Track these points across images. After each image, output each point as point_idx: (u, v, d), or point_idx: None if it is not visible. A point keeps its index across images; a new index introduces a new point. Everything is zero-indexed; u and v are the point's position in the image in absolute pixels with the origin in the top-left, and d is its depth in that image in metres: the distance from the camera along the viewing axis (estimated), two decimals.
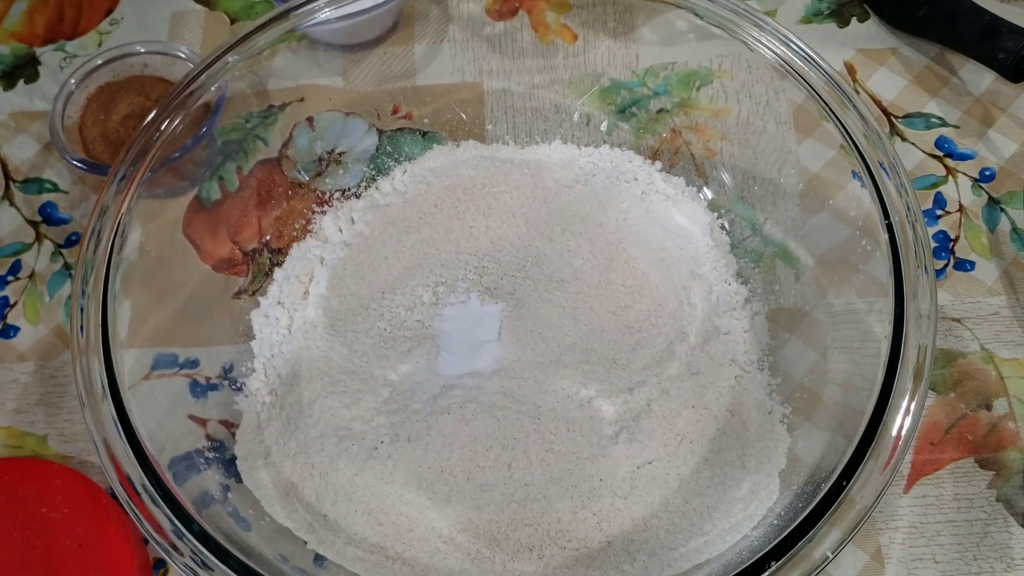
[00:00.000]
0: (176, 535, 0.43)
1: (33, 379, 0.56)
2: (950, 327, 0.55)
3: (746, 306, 0.54)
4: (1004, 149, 0.60)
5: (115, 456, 0.45)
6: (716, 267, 0.55)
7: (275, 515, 0.49)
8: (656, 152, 0.59)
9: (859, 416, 0.44)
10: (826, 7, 0.66)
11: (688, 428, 0.50)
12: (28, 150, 0.63)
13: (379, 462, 0.49)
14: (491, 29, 0.62)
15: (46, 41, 0.67)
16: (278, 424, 0.51)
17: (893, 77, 0.63)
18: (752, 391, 0.52)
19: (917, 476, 0.51)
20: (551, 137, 0.60)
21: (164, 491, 0.44)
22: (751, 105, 0.58)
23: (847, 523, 0.42)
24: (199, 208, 0.56)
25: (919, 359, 0.45)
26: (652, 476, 0.49)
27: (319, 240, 0.58)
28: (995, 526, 0.50)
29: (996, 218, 0.58)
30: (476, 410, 0.50)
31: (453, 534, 0.48)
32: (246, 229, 0.57)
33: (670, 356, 0.52)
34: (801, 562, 0.42)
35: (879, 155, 0.50)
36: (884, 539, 0.50)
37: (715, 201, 0.58)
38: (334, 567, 0.48)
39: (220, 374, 0.53)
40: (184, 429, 0.50)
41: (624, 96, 0.60)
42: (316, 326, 0.54)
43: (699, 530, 0.48)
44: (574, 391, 0.51)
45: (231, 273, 0.56)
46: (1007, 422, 0.52)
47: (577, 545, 0.48)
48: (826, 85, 0.52)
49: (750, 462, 0.49)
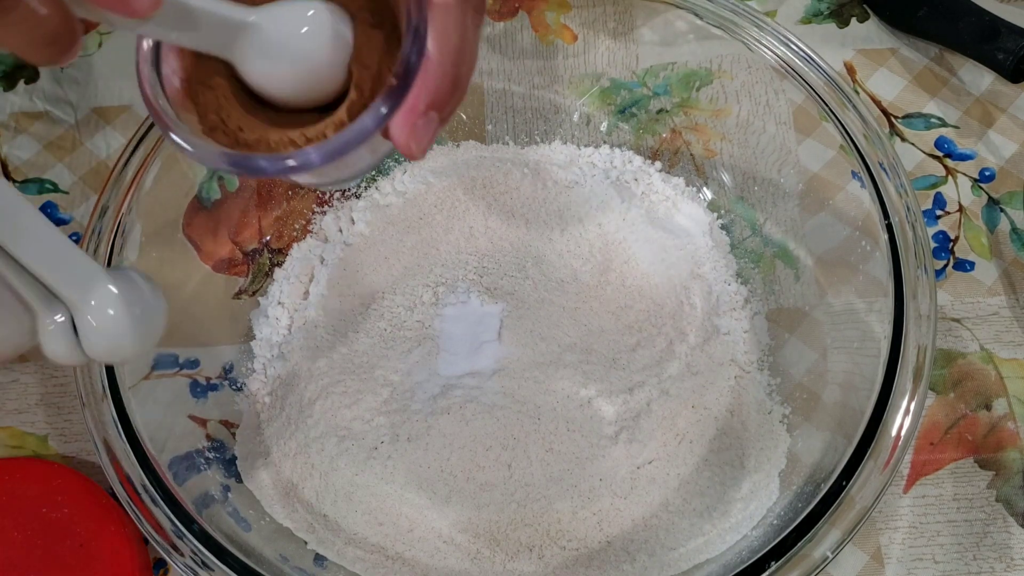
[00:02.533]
0: (176, 535, 0.43)
1: (33, 379, 0.56)
2: (950, 327, 0.55)
3: (746, 306, 0.54)
4: (1004, 149, 0.60)
5: (115, 456, 0.45)
6: (716, 267, 0.55)
7: (275, 515, 0.49)
8: (656, 152, 0.59)
9: (859, 416, 0.44)
10: (826, 7, 0.66)
11: (688, 428, 0.50)
12: (28, 150, 0.63)
13: (379, 462, 0.49)
14: (491, 29, 0.62)
15: None
16: (278, 424, 0.51)
17: (893, 77, 0.63)
18: (752, 391, 0.52)
19: (917, 476, 0.51)
20: (551, 137, 0.60)
21: (164, 491, 0.44)
22: (751, 105, 0.58)
23: (847, 523, 0.42)
24: (199, 208, 0.56)
25: (919, 359, 0.45)
26: (652, 476, 0.49)
27: (319, 240, 0.58)
28: (995, 526, 0.50)
29: (996, 218, 0.58)
30: (476, 410, 0.50)
31: (453, 534, 0.48)
32: (246, 229, 0.57)
33: (670, 356, 0.52)
34: (801, 562, 0.42)
35: (879, 155, 0.50)
36: (884, 539, 0.50)
37: (715, 201, 0.58)
38: (334, 567, 0.48)
39: (220, 374, 0.53)
40: (184, 429, 0.50)
41: (624, 96, 0.60)
42: (316, 326, 0.54)
43: (699, 530, 0.48)
44: (574, 391, 0.51)
45: (231, 273, 0.56)
46: (1007, 422, 0.52)
47: (577, 545, 0.48)
48: (826, 85, 0.52)
49: (750, 462, 0.49)
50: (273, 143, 0.35)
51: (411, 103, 0.34)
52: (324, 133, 0.34)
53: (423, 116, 0.34)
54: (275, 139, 0.35)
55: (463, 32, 0.35)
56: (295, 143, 0.34)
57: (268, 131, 0.35)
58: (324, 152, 0.33)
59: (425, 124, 0.34)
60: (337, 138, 0.33)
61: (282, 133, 0.35)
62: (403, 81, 0.33)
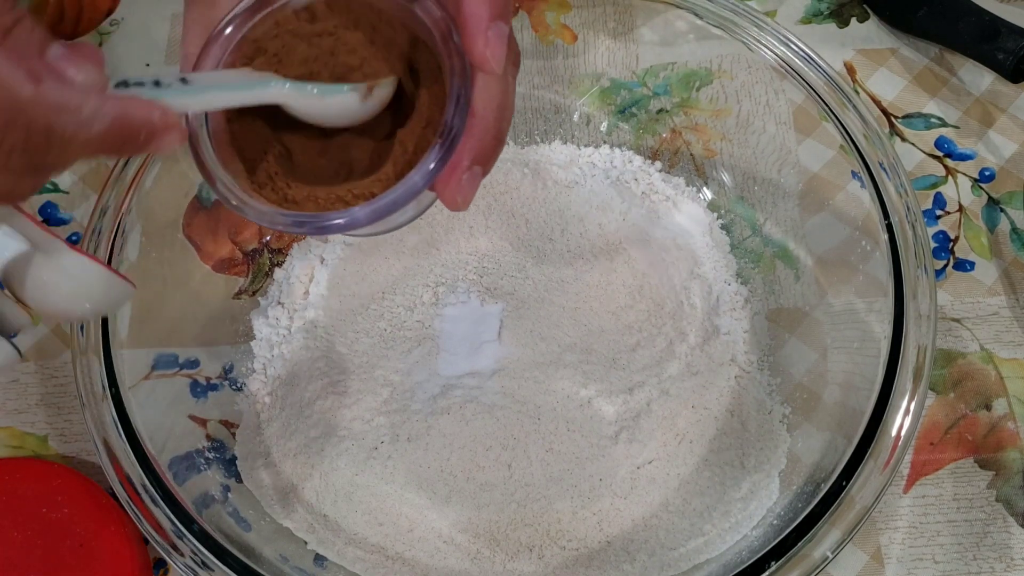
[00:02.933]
0: (176, 535, 0.43)
1: (33, 379, 0.56)
2: (950, 327, 0.55)
3: (746, 306, 0.54)
4: (1004, 149, 0.60)
5: (115, 456, 0.45)
6: (716, 267, 0.55)
7: (275, 515, 0.49)
8: (656, 152, 0.59)
9: (859, 416, 0.44)
10: (826, 7, 0.66)
11: (688, 428, 0.50)
12: None
13: (379, 462, 0.49)
14: None
15: None
16: (278, 424, 0.51)
17: (893, 77, 0.63)
18: (752, 391, 0.52)
19: (917, 476, 0.51)
20: (551, 137, 0.60)
21: (164, 491, 0.44)
22: (751, 105, 0.58)
23: (847, 523, 0.42)
24: (199, 208, 0.56)
25: (919, 359, 0.45)
26: (652, 476, 0.49)
27: (319, 240, 0.58)
28: (995, 526, 0.50)
29: (996, 218, 0.58)
30: (476, 410, 0.50)
31: (453, 534, 0.48)
32: (246, 229, 0.57)
33: (670, 356, 0.52)
34: (801, 562, 0.42)
35: (879, 155, 0.50)
36: (884, 539, 0.50)
37: (715, 201, 0.58)
38: (334, 567, 0.48)
39: (220, 374, 0.53)
40: (184, 429, 0.50)
41: (624, 96, 0.60)
42: (316, 326, 0.54)
43: (699, 530, 0.48)
44: (574, 391, 0.51)
45: (231, 273, 0.56)
46: (1007, 422, 0.52)
47: (577, 545, 0.48)
48: (826, 85, 0.52)
49: (750, 462, 0.49)
50: (321, 201, 0.35)
51: (456, 159, 0.34)
52: (371, 191, 0.35)
53: (468, 171, 0.35)
54: (323, 197, 0.35)
55: (506, 88, 0.36)
56: (343, 200, 0.35)
57: (316, 188, 0.36)
58: (372, 211, 0.34)
59: (470, 178, 0.35)
60: (385, 196, 0.34)
61: (329, 190, 0.35)
62: (449, 139, 0.34)
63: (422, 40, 0.36)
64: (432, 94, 0.36)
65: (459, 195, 0.35)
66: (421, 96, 0.36)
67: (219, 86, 0.34)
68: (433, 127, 0.35)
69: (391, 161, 0.36)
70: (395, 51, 0.36)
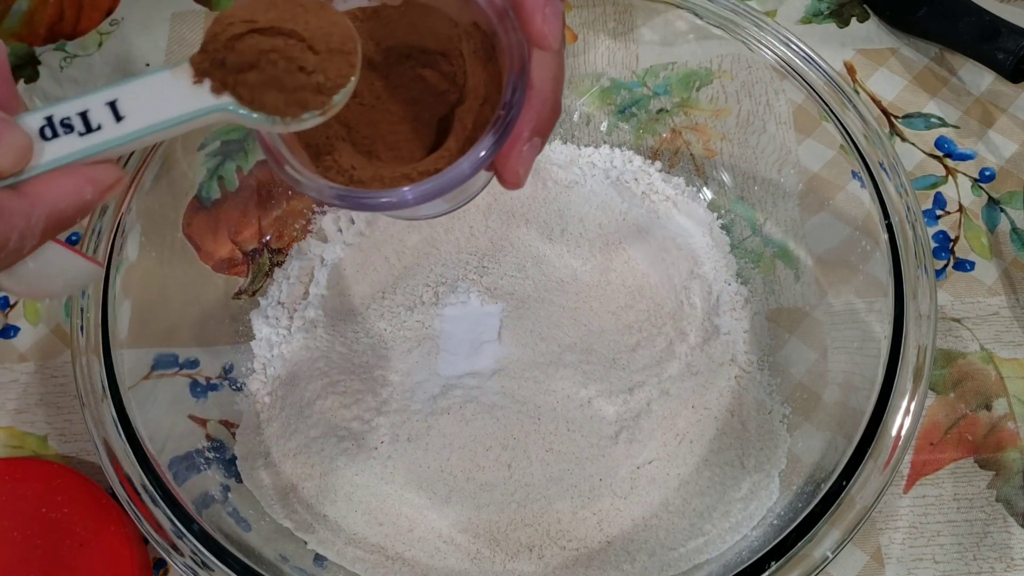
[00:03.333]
0: (176, 535, 0.43)
1: (33, 379, 0.56)
2: (950, 327, 0.55)
3: (746, 306, 0.54)
4: (1004, 149, 0.60)
5: (115, 456, 0.45)
6: (716, 267, 0.55)
7: (275, 515, 0.49)
8: (656, 152, 0.59)
9: (859, 416, 0.44)
10: (826, 7, 0.66)
11: (688, 428, 0.50)
12: None
13: (379, 462, 0.49)
14: None
15: (46, 41, 0.66)
16: (278, 424, 0.51)
17: (893, 77, 0.63)
18: (752, 391, 0.52)
19: (917, 476, 0.51)
20: (551, 137, 0.60)
21: (164, 491, 0.44)
22: (751, 105, 0.58)
23: (847, 523, 0.42)
24: (199, 208, 0.56)
25: (919, 359, 0.45)
26: (652, 476, 0.49)
27: (319, 240, 0.58)
28: (995, 526, 0.50)
29: (996, 218, 0.58)
30: (476, 410, 0.50)
31: (453, 534, 0.48)
32: (246, 229, 0.57)
33: (670, 356, 0.52)
34: (801, 562, 0.42)
35: (879, 155, 0.50)
36: (884, 539, 0.50)
37: (715, 201, 0.58)
38: (334, 567, 0.48)
39: (220, 374, 0.53)
40: (184, 429, 0.50)
41: (624, 96, 0.60)
42: (316, 326, 0.54)
43: (699, 530, 0.48)
44: (574, 391, 0.51)
45: (231, 273, 0.56)
46: (1007, 422, 0.52)
47: (577, 545, 0.48)
48: (826, 85, 0.52)
49: (750, 462, 0.49)
50: (387, 179, 0.36)
51: (518, 131, 0.35)
52: (436, 167, 0.35)
53: (528, 142, 0.36)
54: (388, 175, 0.36)
55: (560, 60, 0.37)
56: (409, 177, 0.35)
57: (381, 167, 0.36)
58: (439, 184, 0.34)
59: (530, 150, 0.36)
60: (451, 170, 0.35)
61: (394, 168, 0.36)
62: (510, 112, 0.34)
63: (475, 22, 0.37)
64: (488, 72, 0.37)
65: (520, 167, 0.36)
66: (476, 75, 0.37)
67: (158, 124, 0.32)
68: (491, 103, 0.36)
69: (453, 137, 0.36)
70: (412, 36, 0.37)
